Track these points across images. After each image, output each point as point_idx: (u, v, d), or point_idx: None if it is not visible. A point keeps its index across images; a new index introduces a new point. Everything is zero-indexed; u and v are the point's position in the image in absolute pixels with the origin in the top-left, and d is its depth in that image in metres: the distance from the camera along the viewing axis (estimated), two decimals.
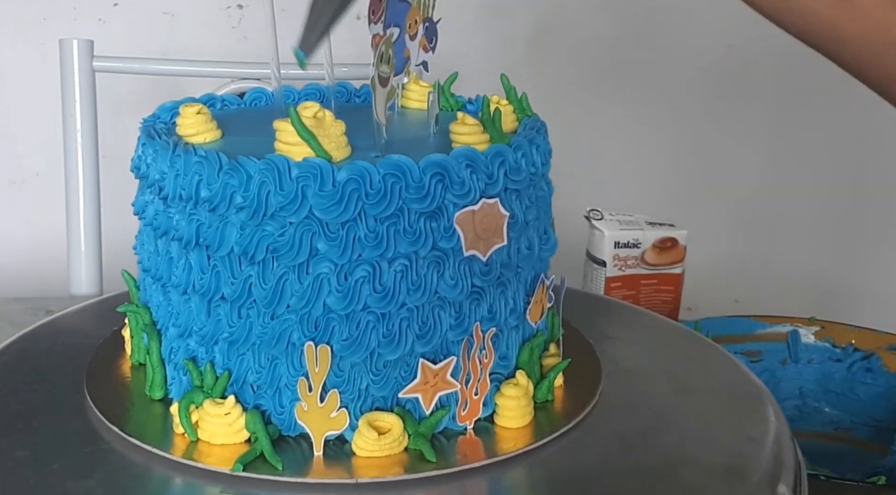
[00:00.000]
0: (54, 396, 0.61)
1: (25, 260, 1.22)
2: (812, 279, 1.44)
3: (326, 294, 0.52)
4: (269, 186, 0.51)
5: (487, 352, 0.57)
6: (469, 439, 0.56)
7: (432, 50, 0.66)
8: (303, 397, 0.53)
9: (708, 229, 1.22)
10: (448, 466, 0.53)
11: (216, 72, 1.07)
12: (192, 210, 0.54)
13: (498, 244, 0.55)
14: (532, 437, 0.56)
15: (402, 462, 0.53)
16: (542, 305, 0.62)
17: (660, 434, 0.59)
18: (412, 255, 0.53)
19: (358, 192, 0.51)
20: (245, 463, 0.52)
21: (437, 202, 0.53)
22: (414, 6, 0.63)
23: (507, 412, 0.57)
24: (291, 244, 0.52)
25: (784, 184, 1.44)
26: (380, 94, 0.56)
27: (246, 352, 0.55)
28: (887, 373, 0.92)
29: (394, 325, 0.53)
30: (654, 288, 0.97)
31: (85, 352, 0.66)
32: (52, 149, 1.10)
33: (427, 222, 0.53)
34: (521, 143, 0.57)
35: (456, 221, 0.53)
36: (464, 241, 0.54)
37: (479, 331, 0.56)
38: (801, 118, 1.41)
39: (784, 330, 0.95)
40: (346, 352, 0.53)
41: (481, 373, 0.56)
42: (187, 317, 0.56)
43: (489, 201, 0.54)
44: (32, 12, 1.18)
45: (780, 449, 0.58)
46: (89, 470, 0.52)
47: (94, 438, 0.56)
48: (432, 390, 0.54)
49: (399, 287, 0.53)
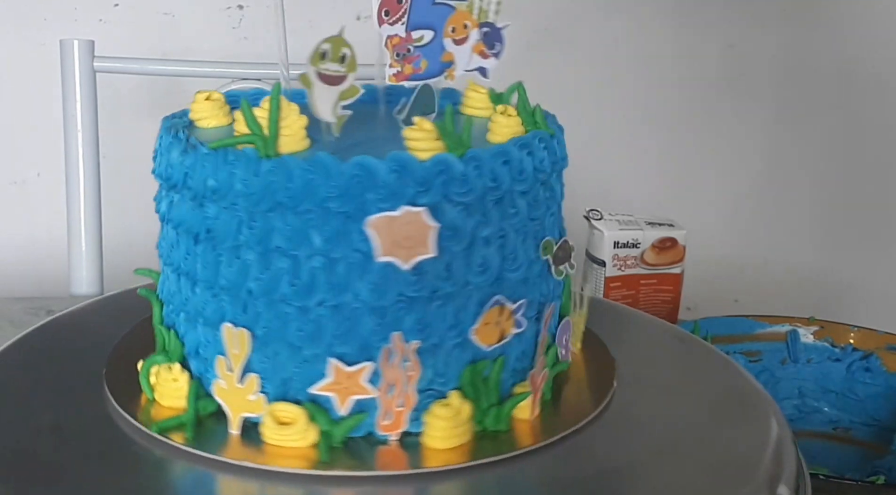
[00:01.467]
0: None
1: (26, 260, 1.23)
2: (811, 279, 1.44)
3: (251, 279, 0.54)
4: (207, 172, 0.55)
5: (413, 365, 0.54)
6: (390, 449, 0.55)
7: (495, 56, 0.63)
8: (221, 375, 0.55)
9: (707, 229, 1.22)
10: (350, 469, 0.53)
11: (216, 72, 1.07)
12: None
13: (423, 255, 0.53)
14: (463, 457, 0.54)
15: (307, 457, 0.54)
16: (500, 329, 0.57)
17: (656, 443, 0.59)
18: (329, 253, 0.53)
19: (279, 185, 0.53)
20: (165, 428, 0.55)
21: (355, 203, 0.52)
22: (461, 10, 0.61)
23: (433, 430, 0.55)
24: (225, 227, 0.55)
25: (784, 183, 1.44)
26: (321, 92, 0.55)
27: (197, 326, 0.58)
28: (886, 373, 0.92)
29: (311, 321, 0.54)
30: (654, 288, 0.97)
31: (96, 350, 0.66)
32: (52, 149, 1.10)
33: (346, 222, 0.53)
34: (480, 156, 0.54)
35: (368, 225, 0.52)
36: (376, 246, 0.52)
37: (400, 341, 0.54)
38: (801, 118, 1.41)
39: (783, 329, 0.95)
40: (268, 339, 0.55)
41: (405, 385, 0.55)
42: (175, 291, 0.60)
43: (413, 209, 0.52)
44: (33, 12, 1.18)
45: (782, 454, 0.58)
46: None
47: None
48: (345, 391, 0.54)
49: (316, 283, 0.54)
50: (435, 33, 0.61)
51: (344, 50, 0.55)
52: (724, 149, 1.42)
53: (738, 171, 1.43)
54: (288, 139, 0.55)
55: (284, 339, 0.55)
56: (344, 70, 0.55)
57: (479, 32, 0.62)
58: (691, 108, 1.39)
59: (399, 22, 0.59)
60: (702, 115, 1.40)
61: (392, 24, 0.60)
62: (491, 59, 0.63)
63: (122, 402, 0.59)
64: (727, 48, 1.36)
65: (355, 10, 1.20)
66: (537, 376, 0.59)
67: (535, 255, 0.59)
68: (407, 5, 0.59)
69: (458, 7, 0.61)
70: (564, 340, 0.63)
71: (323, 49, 0.54)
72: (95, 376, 0.62)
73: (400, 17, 0.58)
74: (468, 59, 0.63)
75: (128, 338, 0.67)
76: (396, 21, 0.59)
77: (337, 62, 0.55)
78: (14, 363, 0.66)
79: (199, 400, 0.57)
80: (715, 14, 1.35)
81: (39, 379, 0.63)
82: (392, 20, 0.60)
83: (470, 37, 0.62)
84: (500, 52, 0.64)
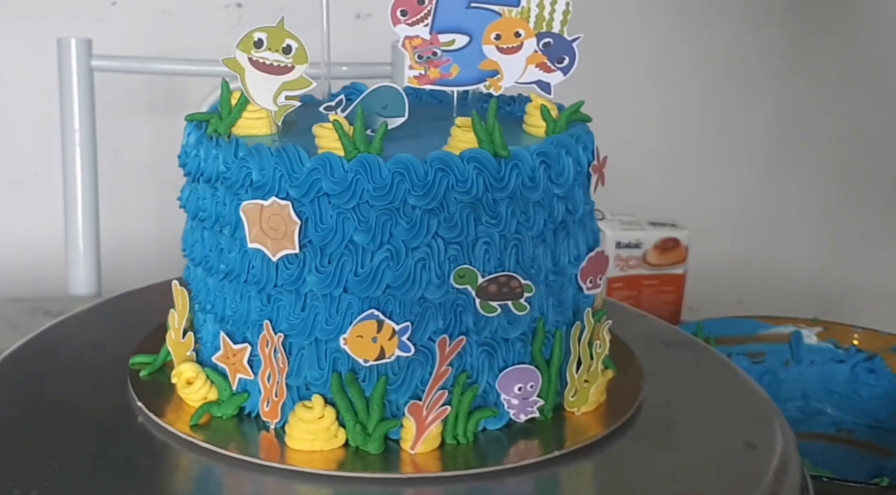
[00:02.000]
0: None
1: (23, 260, 1.22)
2: (815, 280, 1.44)
3: (196, 250, 0.60)
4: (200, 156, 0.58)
5: (281, 357, 0.54)
6: (268, 436, 0.56)
7: (562, 71, 0.59)
8: (171, 326, 0.61)
9: (710, 229, 1.21)
10: (215, 442, 0.54)
11: (215, 71, 1.06)
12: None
13: (288, 250, 0.53)
14: (323, 463, 0.53)
15: (202, 425, 0.56)
16: (381, 345, 0.53)
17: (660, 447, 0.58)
18: (226, 232, 0.56)
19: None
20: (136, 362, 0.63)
21: (271, 187, 0.53)
22: (510, 16, 0.58)
23: (292, 429, 0.54)
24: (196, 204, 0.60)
25: (787, 184, 1.44)
26: (255, 79, 0.55)
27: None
28: (890, 374, 0.92)
29: (217, 295, 0.58)
30: (656, 288, 0.97)
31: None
32: (50, 148, 1.10)
33: (234, 205, 0.55)
34: (368, 160, 0.52)
35: (242, 209, 0.53)
36: (248, 232, 0.53)
37: (270, 330, 0.54)
38: (804, 118, 1.41)
39: (787, 330, 0.94)
40: (195, 303, 0.61)
41: (279, 376, 0.55)
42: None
43: (280, 202, 0.52)
44: (30, 11, 1.17)
45: (786, 462, 0.57)
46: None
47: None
48: (232, 368, 0.57)
49: (217, 259, 0.57)
50: (471, 38, 0.58)
51: (288, 41, 0.55)
52: (727, 150, 1.41)
53: (741, 172, 1.42)
54: (250, 123, 0.58)
55: (205, 308, 0.59)
56: (289, 61, 0.55)
57: (536, 42, 0.58)
58: (694, 108, 1.39)
59: (421, 23, 0.57)
60: (705, 115, 1.39)
61: (411, 24, 0.59)
62: (556, 74, 0.59)
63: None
64: (731, 47, 1.36)
65: (355, 9, 1.20)
66: (421, 409, 0.54)
67: (442, 281, 0.54)
68: (431, 6, 0.57)
69: (506, 13, 0.58)
70: (518, 390, 0.57)
71: (257, 37, 0.55)
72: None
73: (422, 17, 0.57)
74: (521, 71, 0.59)
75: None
76: (417, 22, 0.58)
77: (279, 52, 0.55)
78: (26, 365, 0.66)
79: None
80: (718, 13, 1.34)
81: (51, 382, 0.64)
82: (411, 20, 0.59)
83: (524, 46, 0.58)
84: (570, 66, 0.59)
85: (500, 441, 0.57)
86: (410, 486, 0.53)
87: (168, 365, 0.62)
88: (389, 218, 0.53)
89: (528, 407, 0.58)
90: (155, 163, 1.22)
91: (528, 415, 0.58)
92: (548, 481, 0.55)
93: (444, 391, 0.54)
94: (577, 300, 0.60)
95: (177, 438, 0.55)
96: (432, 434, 0.54)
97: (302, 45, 0.55)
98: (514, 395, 0.57)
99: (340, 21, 0.57)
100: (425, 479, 0.53)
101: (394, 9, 0.59)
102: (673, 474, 0.55)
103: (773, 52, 1.37)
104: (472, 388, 0.56)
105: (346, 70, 1.01)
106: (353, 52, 1.11)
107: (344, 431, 0.55)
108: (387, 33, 0.62)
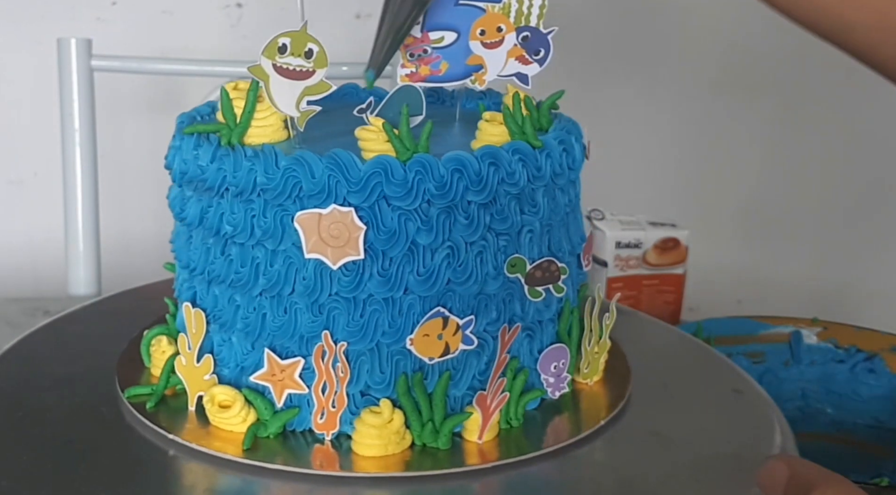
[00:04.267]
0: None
1: (23, 260, 1.22)
2: (815, 280, 1.44)
3: (209, 263, 0.57)
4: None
5: (342, 366, 0.54)
6: (324, 448, 0.55)
7: (538, 63, 0.61)
8: (182, 351, 0.57)
9: (710, 229, 1.21)
10: (281, 463, 0.53)
11: (215, 71, 1.06)
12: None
13: (351, 256, 0.52)
14: (393, 467, 0.53)
15: (236, 442, 0.54)
16: (444, 343, 0.54)
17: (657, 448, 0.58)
18: (268, 246, 0.54)
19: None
20: (133, 395, 0.59)
21: (328, 195, 0.52)
22: (493, 12, 0.59)
23: (360, 436, 0.54)
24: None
25: (787, 183, 1.43)
26: (279, 85, 0.55)
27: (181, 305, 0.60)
28: (890, 375, 0.91)
29: (252, 312, 0.55)
30: (656, 288, 0.97)
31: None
32: (49, 148, 1.09)
33: (283, 215, 0.54)
34: (427, 161, 0.53)
35: (296, 220, 0.52)
36: (305, 242, 0.52)
37: (329, 341, 0.54)
38: (805, 118, 1.41)
39: (786, 330, 0.94)
40: (223, 324, 0.57)
41: (337, 386, 0.54)
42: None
43: (341, 208, 0.52)
44: (30, 11, 1.17)
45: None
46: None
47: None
48: (280, 384, 0.55)
49: (253, 274, 0.55)
50: (458, 35, 0.59)
51: (310, 45, 0.54)
52: (727, 149, 1.41)
53: (741, 171, 1.42)
54: (260, 130, 0.56)
55: (235, 327, 0.56)
56: (311, 66, 0.55)
57: (516, 36, 0.60)
58: (694, 108, 1.38)
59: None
60: (704, 115, 1.39)
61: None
62: (533, 66, 0.61)
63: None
64: (730, 49, 1.36)
65: (355, 8, 1.20)
66: (486, 399, 0.55)
67: (497, 272, 0.56)
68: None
69: (490, 9, 0.59)
70: (553, 368, 0.60)
71: (281, 43, 0.54)
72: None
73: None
74: (503, 64, 0.60)
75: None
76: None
77: (301, 57, 0.54)
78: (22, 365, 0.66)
79: (172, 375, 0.58)
80: (718, 13, 1.34)
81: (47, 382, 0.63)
82: None
83: (505, 41, 0.60)
84: (545, 58, 0.61)
85: (535, 420, 0.59)
86: (481, 477, 0.54)
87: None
88: (449, 216, 0.53)
89: (560, 384, 0.61)
90: (155, 163, 1.21)
91: (560, 392, 0.61)
92: (607, 450, 0.57)
93: (503, 378, 0.56)
94: (578, 278, 0.64)
95: (221, 461, 0.54)
96: (494, 421, 0.56)
97: (323, 49, 0.55)
98: (551, 374, 0.60)
99: (340, 21, 0.57)
100: (495, 468, 0.54)
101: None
102: (672, 475, 0.55)
103: (775, 52, 1.37)
104: (524, 372, 0.58)
105: (346, 70, 1.01)
106: (353, 52, 1.11)
107: (409, 432, 0.55)
108: None
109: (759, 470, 0.40)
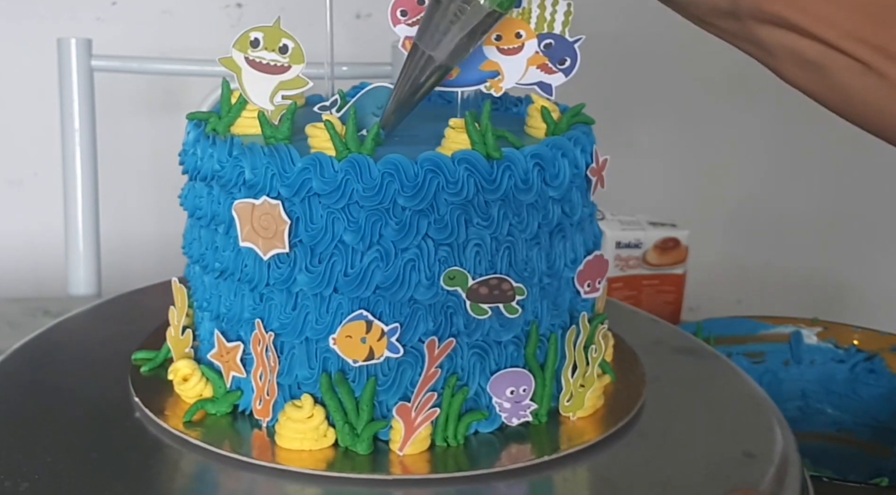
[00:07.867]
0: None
1: (23, 260, 1.22)
2: (815, 280, 1.44)
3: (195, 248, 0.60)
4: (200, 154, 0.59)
5: (273, 356, 0.54)
6: (261, 434, 0.55)
7: (563, 73, 0.59)
8: (172, 323, 0.61)
9: (710, 229, 1.21)
10: (219, 443, 0.54)
11: (215, 71, 1.06)
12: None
13: (278, 249, 0.52)
14: (313, 462, 0.53)
15: (199, 421, 0.56)
16: (370, 346, 0.53)
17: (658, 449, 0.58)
18: (220, 230, 0.56)
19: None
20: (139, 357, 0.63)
21: (263, 186, 0.53)
22: (511, 17, 0.57)
23: (281, 429, 0.54)
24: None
25: (787, 183, 1.43)
26: (251, 78, 0.55)
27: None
28: (890, 374, 0.91)
29: (213, 292, 0.58)
30: (656, 288, 0.97)
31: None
32: (49, 148, 1.09)
33: (228, 203, 0.55)
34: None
35: (234, 208, 0.53)
36: (240, 230, 0.53)
37: (261, 329, 0.54)
38: (804, 118, 1.40)
39: (787, 330, 0.94)
40: (193, 299, 0.61)
41: (270, 375, 0.55)
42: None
43: (271, 201, 0.52)
44: (30, 11, 1.17)
45: (786, 462, 0.57)
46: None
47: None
48: (226, 366, 0.57)
49: (212, 256, 0.57)
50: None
51: (285, 41, 0.55)
52: (727, 149, 1.41)
53: (741, 171, 1.42)
54: (250, 121, 0.57)
55: (202, 305, 0.59)
56: (286, 61, 0.55)
57: (537, 43, 0.58)
58: (694, 108, 1.38)
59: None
60: (704, 115, 1.39)
61: (411, 24, 0.58)
62: (558, 75, 0.59)
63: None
64: (731, 49, 1.36)
65: (355, 8, 1.20)
66: (410, 410, 0.53)
67: (431, 282, 0.53)
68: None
69: (507, 14, 0.56)
70: (510, 393, 0.56)
71: (253, 37, 0.55)
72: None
73: (418, 17, 0.56)
74: (522, 72, 0.58)
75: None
76: (417, 22, 0.57)
77: (275, 52, 0.55)
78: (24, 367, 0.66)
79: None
80: None
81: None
82: (410, 20, 0.58)
83: (525, 47, 0.58)
84: (571, 68, 0.59)
85: (493, 444, 0.56)
86: (398, 488, 0.52)
87: (169, 361, 0.62)
88: (379, 218, 0.52)
89: (520, 411, 0.57)
90: (155, 163, 1.22)
91: (520, 419, 0.57)
92: (539, 485, 0.54)
93: (433, 393, 0.54)
94: (574, 304, 0.60)
95: (171, 435, 0.55)
96: (421, 436, 0.54)
97: (298, 45, 0.55)
98: (506, 399, 0.56)
99: (340, 21, 0.57)
100: (414, 481, 0.53)
101: (394, 9, 0.59)
102: (671, 475, 0.55)
103: None
104: (463, 391, 0.55)
105: (346, 70, 1.01)
106: (353, 52, 1.11)
107: (333, 431, 0.54)
108: (387, 33, 0.62)
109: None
